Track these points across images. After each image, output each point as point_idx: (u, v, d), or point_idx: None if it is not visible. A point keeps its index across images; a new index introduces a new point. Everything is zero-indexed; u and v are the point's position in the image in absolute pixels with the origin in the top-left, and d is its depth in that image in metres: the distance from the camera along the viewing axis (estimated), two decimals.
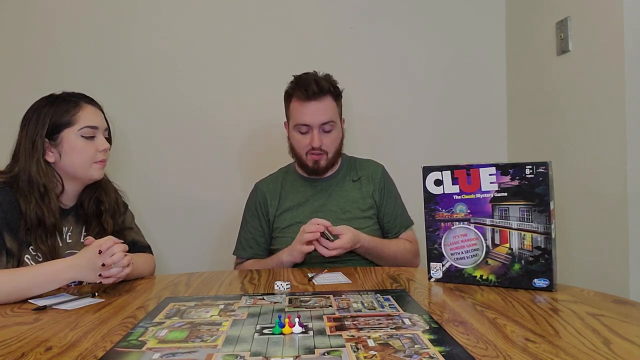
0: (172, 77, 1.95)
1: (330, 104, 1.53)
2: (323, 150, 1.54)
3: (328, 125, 1.53)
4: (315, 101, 1.51)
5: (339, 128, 1.59)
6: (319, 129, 1.52)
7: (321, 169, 1.57)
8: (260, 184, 1.68)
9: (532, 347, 0.72)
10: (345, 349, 0.73)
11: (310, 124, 1.51)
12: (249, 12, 1.96)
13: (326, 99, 1.52)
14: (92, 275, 1.11)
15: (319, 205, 1.59)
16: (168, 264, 1.86)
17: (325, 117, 1.51)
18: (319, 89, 1.50)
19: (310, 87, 1.50)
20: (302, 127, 1.53)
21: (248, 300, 1.04)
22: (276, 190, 1.64)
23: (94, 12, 1.93)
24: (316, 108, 1.51)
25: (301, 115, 1.52)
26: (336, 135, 1.57)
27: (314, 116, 1.51)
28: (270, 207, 1.62)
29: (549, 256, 1.04)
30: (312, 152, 1.54)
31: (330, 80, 1.55)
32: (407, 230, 1.62)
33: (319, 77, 1.54)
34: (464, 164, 1.13)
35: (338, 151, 1.60)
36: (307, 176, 1.63)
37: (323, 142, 1.53)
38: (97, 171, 1.32)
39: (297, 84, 1.54)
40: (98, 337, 0.83)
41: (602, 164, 1.47)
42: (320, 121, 1.51)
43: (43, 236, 1.23)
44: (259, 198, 1.64)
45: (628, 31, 1.36)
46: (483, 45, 2.02)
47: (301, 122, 1.52)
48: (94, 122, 1.31)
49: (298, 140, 1.56)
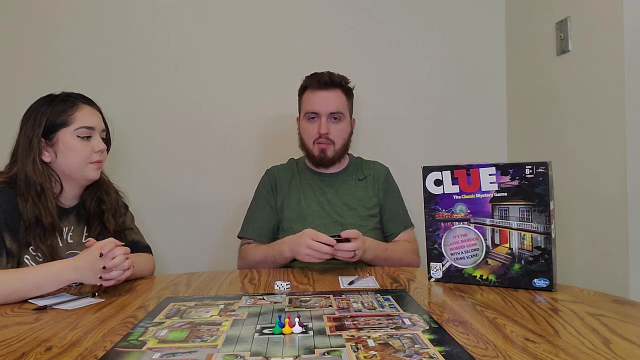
0: (172, 77, 1.95)
1: (341, 96, 1.59)
2: (330, 139, 1.57)
3: (337, 115, 1.57)
4: (326, 91, 1.57)
5: (348, 122, 1.62)
6: (327, 117, 1.57)
7: (327, 159, 1.59)
8: (271, 170, 1.71)
9: (532, 347, 0.72)
10: (345, 349, 0.73)
11: (319, 111, 1.56)
12: (249, 12, 1.96)
13: (337, 91, 1.58)
14: (92, 277, 1.11)
15: (325, 199, 1.60)
16: (168, 264, 1.87)
17: (334, 107, 1.57)
18: (330, 80, 1.57)
19: (322, 78, 1.57)
20: (311, 114, 1.58)
21: (248, 300, 1.04)
22: (287, 177, 1.66)
23: (94, 12, 1.93)
24: (326, 97, 1.57)
25: (311, 103, 1.58)
26: (344, 127, 1.60)
27: (323, 104, 1.56)
28: (279, 193, 1.64)
29: (549, 256, 1.04)
30: (319, 140, 1.57)
31: (343, 77, 1.61)
32: (406, 230, 1.63)
33: (332, 73, 1.60)
34: (464, 164, 1.13)
35: (345, 144, 1.63)
36: (315, 169, 1.65)
37: (330, 130, 1.57)
38: (92, 172, 1.32)
39: (311, 75, 1.61)
40: (98, 337, 0.83)
41: (602, 164, 1.47)
42: (329, 110, 1.56)
43: (42, 236, 1.23)
44: (270, 182, 1.66)
45: (628, 31, 1.36)
46: (483, 45, 2.03)
47: (311, 110, 1.58)
48: (91, 123, 1.31)
49: (306, 129, 1.60)
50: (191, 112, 1.96)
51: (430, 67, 2.01)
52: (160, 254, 1.71)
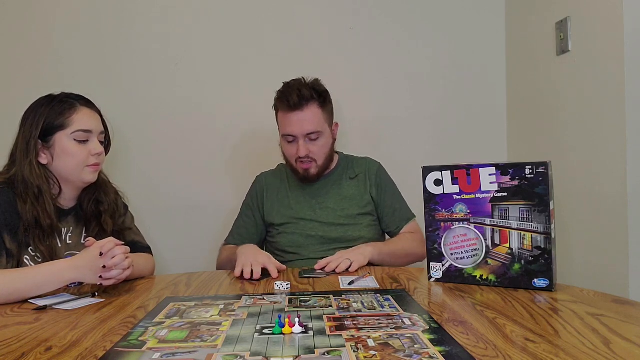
0: (171, 77, 1.95)
1: (315, 112, 1.51)
2: (311, 158, 1.54)
3: (314, 135, 1.51)
4: (298, 111, 1.49)
5: (328, 135, 1.56)
6: (304, 138, 1.51)
7: (311, 176, 1.57)
8: (260, 177, 1.71)
9: (532, 347, 0.72)
10: (345, 349, 0.73)
11: (294, 134, 1.51)
12: (249, 13, 1.96)
13: (310, 108, 1.50)
14: (92, 277, 1.11)
15: (316, 203, 1.60)
16: (168, 264, 1.86)
17: (310, 127, 1.50)
18: (300, 99, 1.48)
19: (292, 98, 1.48)
20: (288, 137, 1.53)
21: (248, 300, 1.04)
22: (275, 184, 1.66)
23: (94, 12, 1.93)
24: (299, 118, 1.49)
25: (286, 126, 1.52)
26: (324, 142, 1.55)
27: (298, 127, 1.50)
28: (265, 200, 1.64)
29: (549, 256, 1.04)
30: (300, 160, 1.54)
31: (315, 87, 1.52)
32: (408, 223, 1.61)
33: (302, 85, 1.51)
34: (464, 164, 1.13)
35: (328, 157, 1.59)
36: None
37: (310, 150, 1.53)
38: (89, 175, 1.31)
39: (281, 94, 1.53)
40: (98, 337, 0.83)
41: (602, 164, 1.47)
42: (305, 131, 1.50)
43: (41, 237, 1.23)
44: (257, 190, 1.68)
45: (628, 31, 1.36)
46: (483, 45, 2.02)
47: (286, 133, 1.53)
48: (88, 126, 1.30)
49: (286, 149, 1.57)
50: (191, 112, 1.96)
51: (430, 67, 2.01)
52: (160, 254, 1.71)
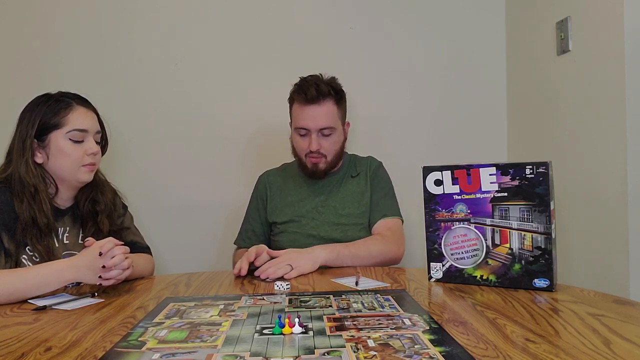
0: (172, 77, 1.95)
1: (331, 108, 1.52)
2: (321, 153, 1.54)
3: (327, 130, 1.53)
4: (315, 105, 1.50)
5: (340, 132, 1.58)
6: (317, 133, 1.52)
7: (320, 172, 1.57)
8: (263, 176, 1.72)
9: (532, 347, 0.72)
10: (345, 349, 0.73)
11: (308, 128, 1.52)
12: (249, 12, 1.96)
13: (326, 103, 1.51)
14: (92, 277, 1.10)
15: (319, 202, 1.60)
16: (168, 264, 1.86)
17: (323, 122, 1.51)
18: (317, 93, 1.49)
19: (309, 91, 1.49)
20: (301, 131, 1.54)
21: (248, 300, 1.04)
22: (277, 183, 1.67)
23: (95, 12, 1.93)
24: (315, 113, 1.51)
25: (300, 119, 1.53)
26: (336, 139, 1.56)
27: (312, 121, 1.51)
28: (269, 199, 1.65)
29: (549, 256, 1.04)
30: (310, 155, 1.55)
31: (332, 84, 1.54)
32: (384, 219, 1.54)
33: (320, 81, 1.53)
34: (464, 164, 1.13)
35: (338, 154, 1.60)
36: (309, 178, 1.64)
37: (322, 145, 1.54)
38: (84, 174, 1.30)
39: (298, 87, 1.54)
40: (98, 337, 0.82)
41: (602, 164, 1.47)
42: (319, 126, 1.52)
43: (38, 236, 1.23)
44: (260, 189, 1.68)
45: (628, 31, 1.36)
46: (483, 45, 2.02)
47: (300, 126, 1.54)
48: (84, 125, 1.29)
49: (297, 142, 1.58)
50: (191, 112, 1.96)
51: (430, 66, 2.01)
52: (160, 254, 1.71)
